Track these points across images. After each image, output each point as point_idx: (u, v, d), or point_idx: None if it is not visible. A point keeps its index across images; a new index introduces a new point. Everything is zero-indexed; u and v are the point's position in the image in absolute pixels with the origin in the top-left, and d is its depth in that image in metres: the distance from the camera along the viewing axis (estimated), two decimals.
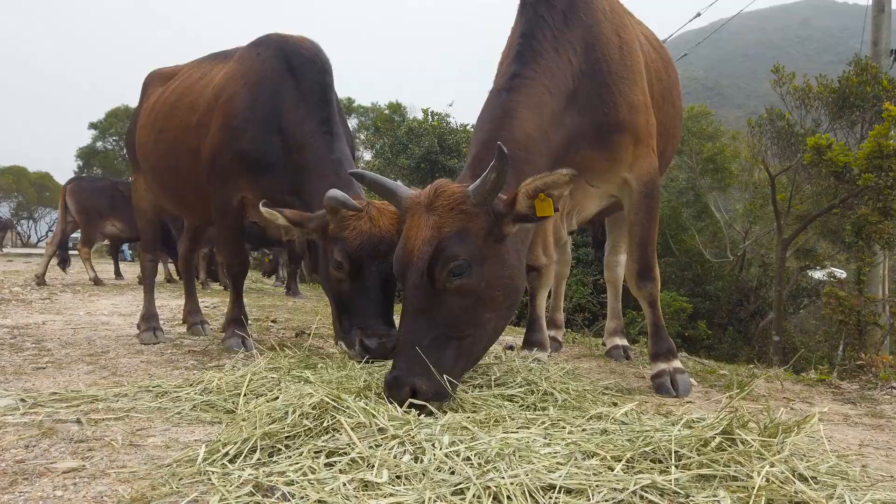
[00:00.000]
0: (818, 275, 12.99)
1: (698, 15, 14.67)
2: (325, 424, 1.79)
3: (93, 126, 35.53)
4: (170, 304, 6.92)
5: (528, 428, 1.85)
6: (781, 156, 10.29)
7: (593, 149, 2.81)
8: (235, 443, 1.71)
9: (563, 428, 1.87)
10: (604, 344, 4.37)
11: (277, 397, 2.15)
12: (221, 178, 3.52)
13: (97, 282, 9.84)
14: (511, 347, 4.19)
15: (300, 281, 10.45)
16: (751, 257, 15.39)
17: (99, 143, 35.78)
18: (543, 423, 1.93)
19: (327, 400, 1.87)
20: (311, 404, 1.87)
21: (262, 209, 3.00)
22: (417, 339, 2.17)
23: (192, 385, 2.53)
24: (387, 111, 21.88)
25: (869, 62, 9.18)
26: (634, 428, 1.87)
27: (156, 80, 4.27)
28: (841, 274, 10.75)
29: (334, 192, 2.91)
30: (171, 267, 11.63)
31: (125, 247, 15.86)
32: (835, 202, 8.49)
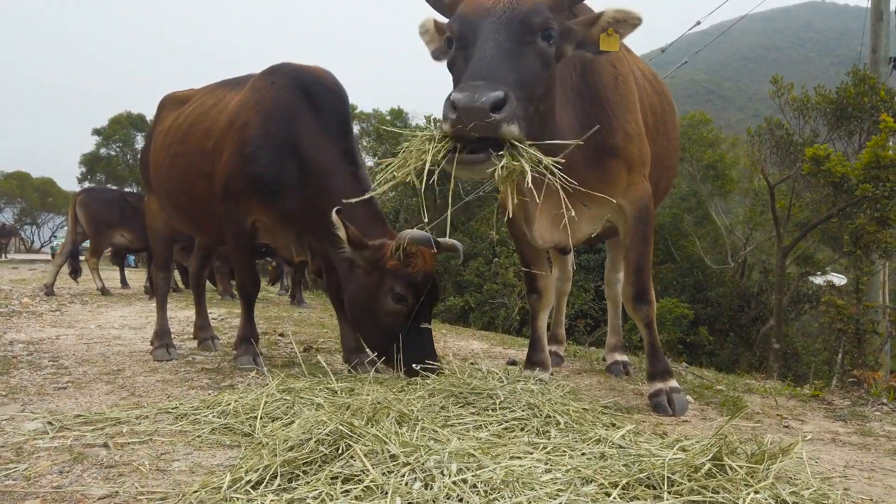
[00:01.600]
0: (819, 280, 13.09)
1: (698, 23, 14.77)
2: (339, 451, 1.90)
3: (96, 132, 35.69)
4: (178, 315, 7.05)
5: (530, 453, 1.97)
6: (781, 165, 10.42)
7: (587, 167, 2.89)
8: (257, 470, 1.83)
9: (564, 453, 1.98)
10: (604, 359, 4.48)
11: (293, 421, 2.28)
12: (235, 201, 3.65)
13: (104, 292, 9.98)
14: (514, 362, 4.31)
15: (304, 289, 10.58)
16: (752, 263, 15.50)
17: (102, 150, 35.93)
18: (545, 447, 2.05)
19: (341, 428, 1.99)
20: (326, 432, 1.98)
21: (334, 216, 3.20)
22: (498, 63, 2.26)
23: (209, 407, 2.66)
24: (388, 117, 21.95)
25: (867, 73, 9.29)
26: (631, 452, 1.99)
27: (170, 104, 4.39)
28: (840, 280, 10.84)
29: (417, 233, 3.20)
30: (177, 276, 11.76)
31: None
32: (833, 211, 8.60)
